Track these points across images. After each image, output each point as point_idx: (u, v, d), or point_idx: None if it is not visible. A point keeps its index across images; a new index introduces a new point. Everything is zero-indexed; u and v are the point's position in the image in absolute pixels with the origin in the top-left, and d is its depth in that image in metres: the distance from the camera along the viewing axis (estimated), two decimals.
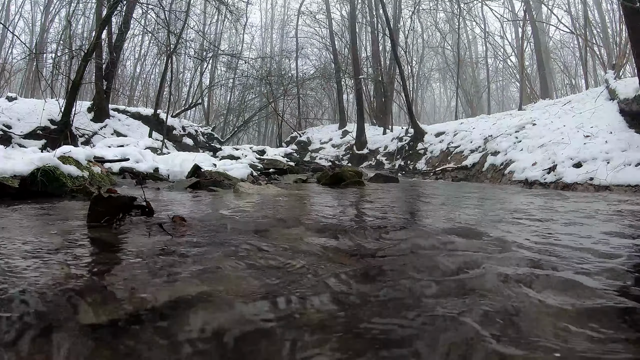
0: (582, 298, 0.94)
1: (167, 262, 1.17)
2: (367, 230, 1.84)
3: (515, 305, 0.88)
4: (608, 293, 0.99)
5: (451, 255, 1.34)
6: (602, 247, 1.53)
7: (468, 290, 0.97)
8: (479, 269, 1.17)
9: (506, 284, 1.02)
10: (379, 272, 1.16)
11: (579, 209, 2.95)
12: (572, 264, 1.26)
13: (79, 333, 0.71)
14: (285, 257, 1.25)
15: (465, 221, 2.17)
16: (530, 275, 1.11)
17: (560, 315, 0.83)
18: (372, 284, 1.04)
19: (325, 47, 23.69)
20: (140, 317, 0.78)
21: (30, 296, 0.86)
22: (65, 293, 0.89)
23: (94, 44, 8.95)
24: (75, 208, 2.20)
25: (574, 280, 1.08)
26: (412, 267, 1.18)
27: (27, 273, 1.01)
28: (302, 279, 1.04)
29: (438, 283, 1.04)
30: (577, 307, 0.88)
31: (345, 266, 1.18)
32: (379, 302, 0.91)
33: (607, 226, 2.11)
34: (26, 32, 23.46)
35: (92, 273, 1.04)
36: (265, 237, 1.56)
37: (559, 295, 0.95)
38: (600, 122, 7.04)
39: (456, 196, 4.11)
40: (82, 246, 1.34)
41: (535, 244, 1.55)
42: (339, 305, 0.87)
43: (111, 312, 0.79)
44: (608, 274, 1.15)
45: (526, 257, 1.32)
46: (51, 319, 0.76)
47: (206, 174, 4.32)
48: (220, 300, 0.87)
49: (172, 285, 0.97)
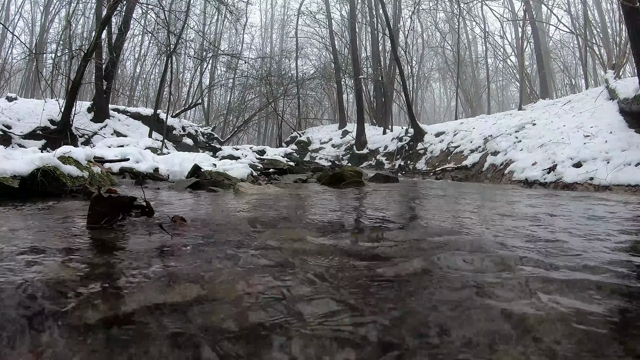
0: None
1: (167, 262, 1.17)
2: (367, 230, 1.84)
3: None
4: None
5: (450, 254, 1.33)
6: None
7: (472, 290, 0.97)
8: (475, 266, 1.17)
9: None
10: (380, 271, 1.16)
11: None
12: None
13: (76, 333, 0.71)
14: (285, 258, 1.25)
15: (463, 221, 2.17)
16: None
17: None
18: (372, 284, 1.04)
19: (325, 47, 23.72)
20: (140, 318, 0.78)
21: (29, 296, 0.86)
22: (64, 293, 0.89)
23: (94, 44, 8.96)
24: (75, 208, 2.20)
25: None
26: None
27: (27, 273, 1.01)
28: (302, 280, 1.04)
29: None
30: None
31: (345, 266, 1.18)
32: (389, 309, 0.90)
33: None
34: (26, 32, 23.50)
35: (92, 273, 1.04)
36: (266, 237, 1.56)
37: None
38: (600, 122, 7.05)
39: (456, 196, 4.11)
40: (81, 246, 1.34)
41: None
42: (339, 306, 0.87)
43: (110, 313, 0.79)
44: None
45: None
46: (49, 319, 0.76)
47: (206, 174, 4.32)
48: (220, 301, 0.87)
49: (171, 285, 0.97)
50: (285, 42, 28.89)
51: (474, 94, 24.45)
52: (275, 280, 1.02)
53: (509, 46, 23.63)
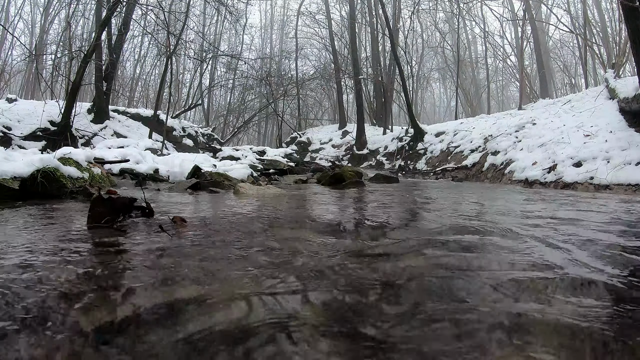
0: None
1: (167, 263, 1.17)
2: (367, 230, 1.84)
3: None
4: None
5: (451, 253, 1.33)
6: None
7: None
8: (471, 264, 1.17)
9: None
10: (381, 272, 1.16)
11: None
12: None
13: (75, 335, 0.71)
14: (285, 258, 1.25)
15: (463, 220, 2.17)
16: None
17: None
18: (373, 284, 1.04)
19: (325, 47, 23.71)
20: (139, 318, 0.78)
21: (29, 297, 0.86)
22: (63, 294, 0.88)
23: (94, 45, 8.97)
24: (75, 209, 2.20)
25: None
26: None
27: (26, 274, 1.01)
28: (302, 280, 1.04)
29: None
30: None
31: (345, 266, 1.18)
32: (387, 307, 0.90)
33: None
34: (26, 33, 23.53)
35: (92, 274, 1.04)
36: (266, 238, 1.56)
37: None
38: (600, 121, 7.04)
39: (455, 196, 4.11)
40: (81, 247, 1.34)
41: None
42: (340, 307, 0.87)
43: (109, 314, 0.79)
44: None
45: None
46: (48, 320, 0.76)
47: (206, 175, 4.32)
48: (220, 302, 0.87)
49: (171, 286, 0.97)
50: (285, 42, 28.91)
51: (474, 94, 24.44)
52: (275, 280, 1.02)
53: (509, 46, 23.65)
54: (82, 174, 3.16)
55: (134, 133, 12.01)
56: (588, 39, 14.59)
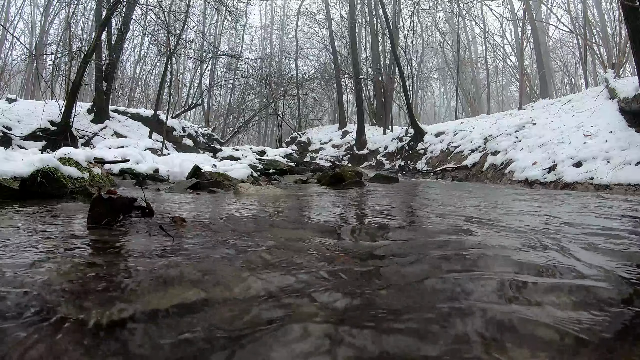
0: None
1: (167, 263, 1.17)
2: (368, 231, 1.84)
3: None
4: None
5: (450, 253, 1.33)
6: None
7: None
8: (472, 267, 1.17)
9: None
10: (382, 273, 1.16)
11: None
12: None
13: (75, 335, 0.71)
14: (285, 258, 1.25)
15: (463, 220, 2.17)
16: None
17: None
18: (373, 284, 1.04)
19: (325, 47, 23.73)
20: (139, 319, 0.78)
21: (28, 297, 0.86)
22: (63, 295, 0.88)
23: (94, 45, 8.97)
24: (75, 209, 2.19)
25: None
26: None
27: (26, 274, 1.00)
28: (302, 280, 1.04)
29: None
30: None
31: (345, 267, 1.18)
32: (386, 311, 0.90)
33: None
34: (26, 33, 23.54)
35: (91, 275, 1.04)
36: (266, 238, 1.56)
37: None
38: (600, 121, 7.04)
39: (456, 196, 4.11)
40: (81, 248, 1.34)
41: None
42: (340, 307, 0.87)
43: (109, 314, 0.79)
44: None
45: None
46: (48, 320, 0.76)
47: (206, 175, 4.32)
48: (220, 302, 0.87)
49: (171, 286, 0.97)
50: (285, 42, 28.92)
51: (474, 94, 24.45)
52: (274, 280, 1.02)
53: (509, 46, 23.68)
54: (82, 174, 3.16)
55: (134, 133, 12.01)
56: (588, 39, 14.60)
